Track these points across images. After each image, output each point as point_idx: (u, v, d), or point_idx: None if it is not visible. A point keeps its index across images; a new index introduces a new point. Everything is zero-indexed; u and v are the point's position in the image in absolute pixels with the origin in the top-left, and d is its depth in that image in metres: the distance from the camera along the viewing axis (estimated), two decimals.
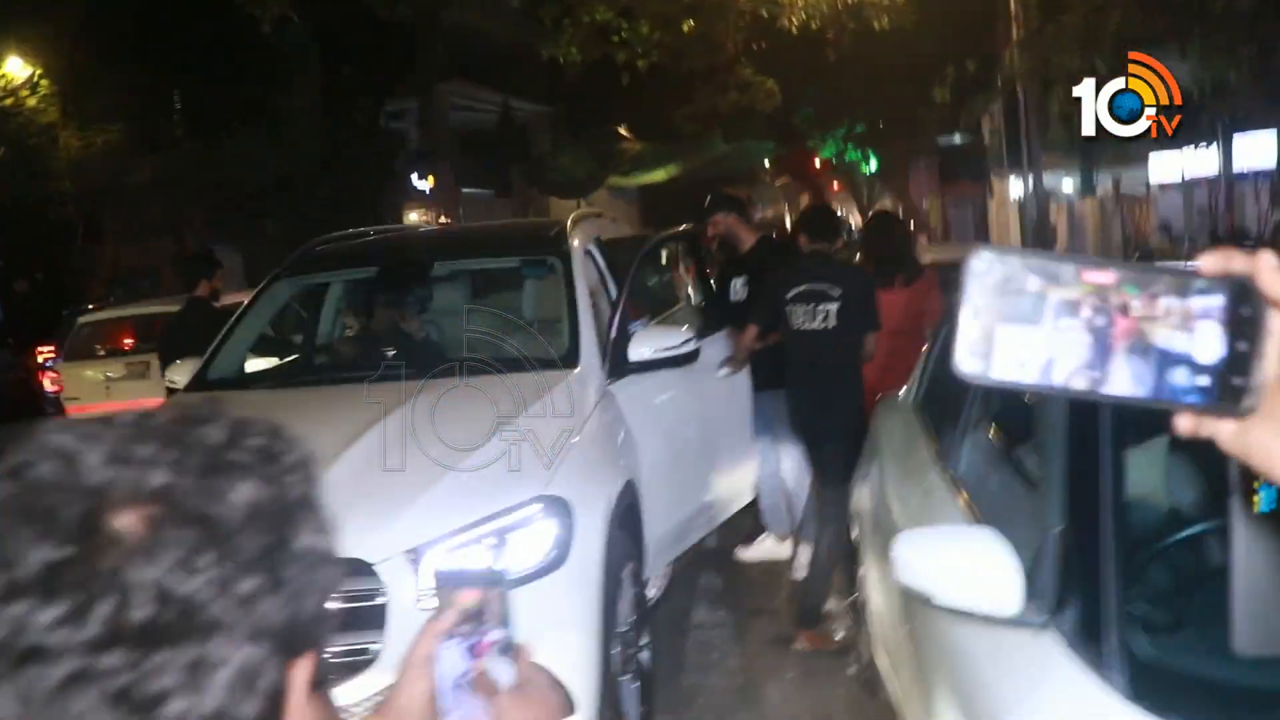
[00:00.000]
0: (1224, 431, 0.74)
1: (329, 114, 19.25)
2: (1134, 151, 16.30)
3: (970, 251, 0.74)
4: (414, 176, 23.35)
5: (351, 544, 2.99)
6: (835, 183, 29.14)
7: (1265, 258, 0.72)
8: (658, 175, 27.62)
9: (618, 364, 4.38)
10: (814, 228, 5.27)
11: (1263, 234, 13.97)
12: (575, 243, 4.82)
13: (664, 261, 7.45)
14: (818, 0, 12.35)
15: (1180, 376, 0.73)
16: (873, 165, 25.12)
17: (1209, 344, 0.72)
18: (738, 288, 5.96)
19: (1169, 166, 16.14)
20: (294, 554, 0.72)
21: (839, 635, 4.85)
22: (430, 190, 23.98)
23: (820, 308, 4.91)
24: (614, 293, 4.85)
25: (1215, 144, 14.21)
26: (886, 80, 15.43)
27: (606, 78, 17.62)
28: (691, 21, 11.78)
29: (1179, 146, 15.00)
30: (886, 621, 3.36)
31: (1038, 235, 13.55)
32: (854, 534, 4.33)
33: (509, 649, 1.10)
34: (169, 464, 0.69)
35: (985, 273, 0.73)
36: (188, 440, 0.71)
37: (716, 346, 5.44)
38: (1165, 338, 0.72)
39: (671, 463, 4.72)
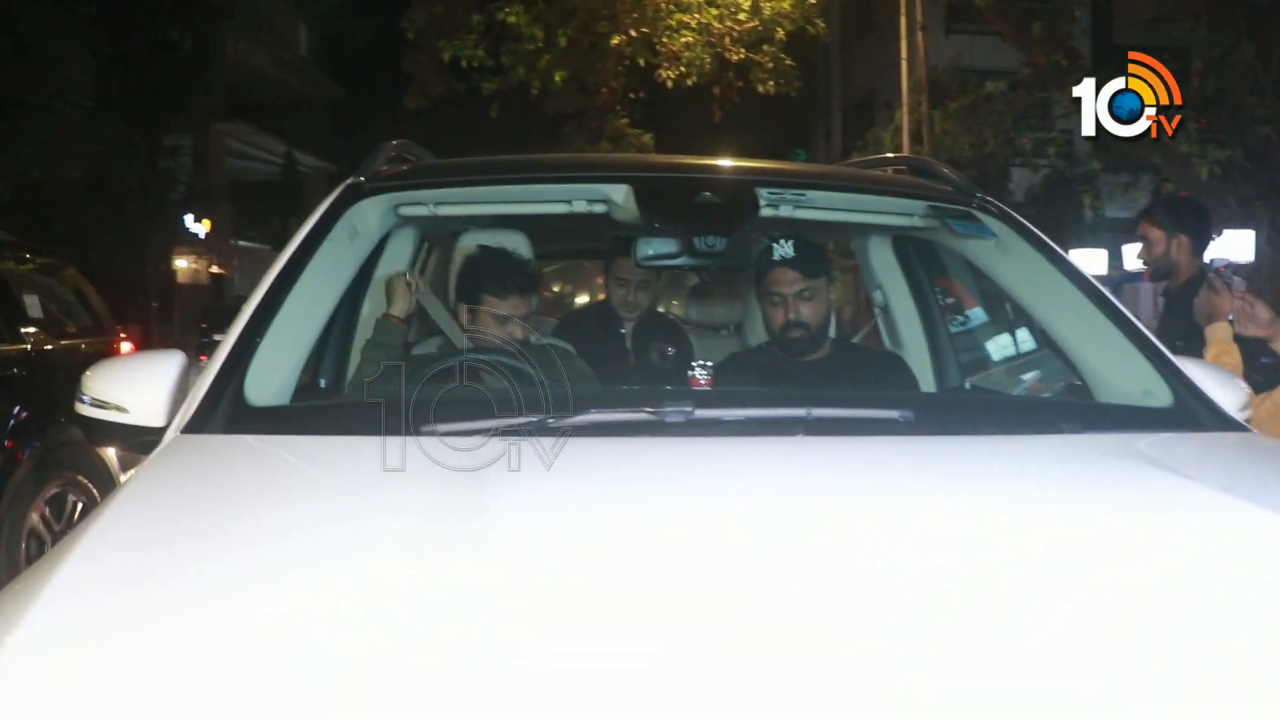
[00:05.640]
0: None
1: (96, 134, 16.65)
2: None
3: None
4: (189, 219, 20.71)
5: None
6: None
7: None
8: None
9: None
10: None
11: None
12: None
13: None
14: (699, 54, 11.77)
15: None
16: None
17: None
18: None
19: None
20: None
21: None
22: (205, 235, 21.38)
23: None
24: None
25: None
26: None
27: (444, 119, 16.37)
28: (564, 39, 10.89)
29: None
30: None
31: None
32: None
33: None
34: None
35: None
36: None
37: None
38: None
39: None
